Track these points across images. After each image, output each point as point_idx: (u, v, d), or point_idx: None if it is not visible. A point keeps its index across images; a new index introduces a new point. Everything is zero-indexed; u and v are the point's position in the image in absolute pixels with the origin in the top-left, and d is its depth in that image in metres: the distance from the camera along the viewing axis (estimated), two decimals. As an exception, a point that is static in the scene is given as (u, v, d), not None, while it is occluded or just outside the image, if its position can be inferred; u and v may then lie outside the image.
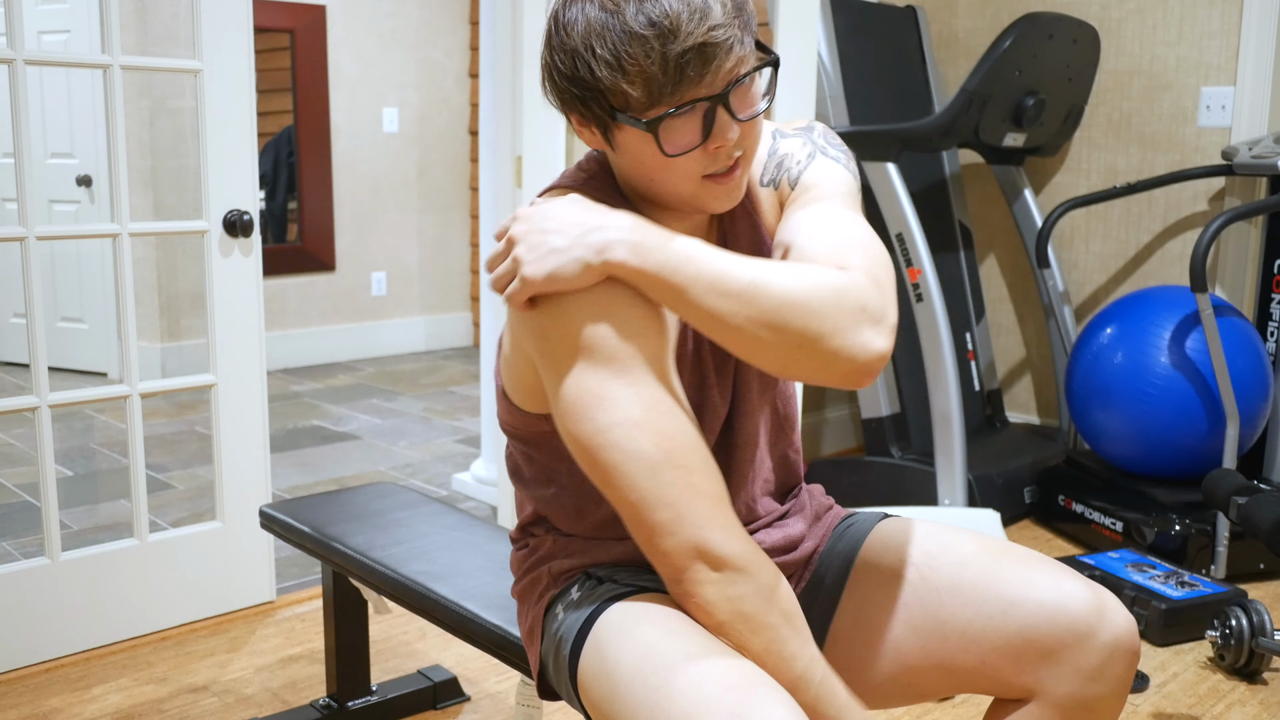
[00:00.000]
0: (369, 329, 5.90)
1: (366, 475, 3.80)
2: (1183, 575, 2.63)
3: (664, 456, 1.04)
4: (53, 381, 2.38)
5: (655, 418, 1.04)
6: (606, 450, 1.05)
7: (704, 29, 1.03)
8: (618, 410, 1.04)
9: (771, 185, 1.24)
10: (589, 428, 1.05)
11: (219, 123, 2.49)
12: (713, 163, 1.10)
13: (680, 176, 1.10)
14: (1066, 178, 3.80)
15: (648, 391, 1.05)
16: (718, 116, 1.07)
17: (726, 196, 1.13)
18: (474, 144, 6.10)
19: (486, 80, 3.33)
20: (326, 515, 2.02)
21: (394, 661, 2.41)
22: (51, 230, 2.35)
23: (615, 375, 1.05)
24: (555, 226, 1.05)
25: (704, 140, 1.08)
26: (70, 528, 3.18)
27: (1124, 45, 3.61)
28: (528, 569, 1.31)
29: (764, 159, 1.25)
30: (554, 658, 1.22)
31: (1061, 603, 1.14)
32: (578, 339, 1.05)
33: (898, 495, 3.28)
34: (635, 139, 1.09)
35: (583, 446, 1.06)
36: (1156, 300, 3.03)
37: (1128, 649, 1.15)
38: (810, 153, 1.23)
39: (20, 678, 2.32)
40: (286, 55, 5.45)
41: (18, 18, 2.21)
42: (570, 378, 1.06)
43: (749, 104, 1.10)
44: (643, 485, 1.04)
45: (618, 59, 1.04)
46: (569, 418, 1.07)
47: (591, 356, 1.05)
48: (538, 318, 1.07)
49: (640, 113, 1.07)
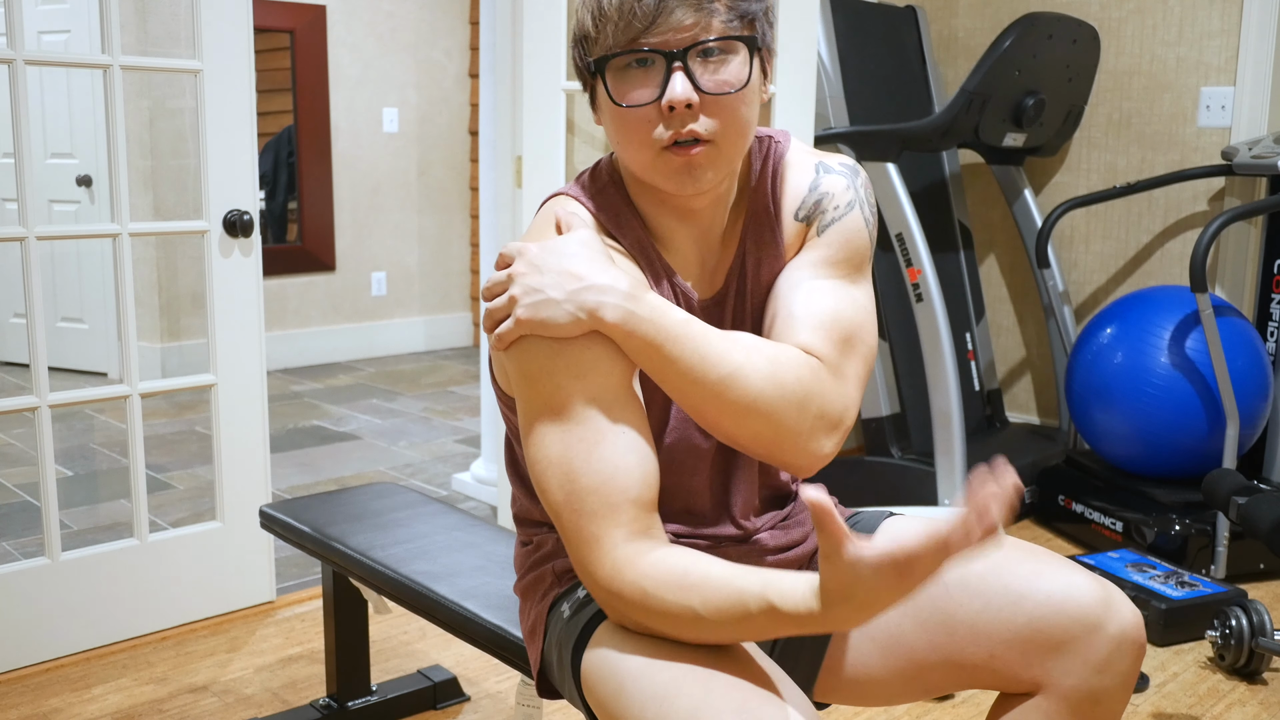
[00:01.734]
0: (369, 329, 5.90)
1: (366, 475, 3.80)
2: (1183, 575, 2.63)
3: (564, 499, 1.07)
4: (53, 381, 2.38)
5: (569, 459, 1.07)
6: (535, 484, 1.11)
7: None
8: (540, 448, 1.09)
9: (805, 221, 1.22)
10: (525, 456, 1.12)
11: (219, 123, 2.49)
12: (669, 129, 1.08)
13: (639, 139, 1.10)
14: (1066, 178, 3.80)
15: (574, 430, 1.07)
16: (672, 74, 1.06)
17: (687, 176, 1.10)
18: (474, 144, 6.10)
19: (486, 80, 3.33)
20: (326, 515, 2.02)
21: (394, 661, 2.41)
22: (51, 230, 2.35)
23: (549, 411, 1.08)
24: (554, 278, 1.07)
25: (657, 98, 1.07)
26: (70, 528, 3.18)
27: (1124, 45, 3.61)
28: (530, 566, 1.31)
29: (803, 191, 1.22)
30: (557, 656, 1.22)
31: (1070, 595, 1.14)
32: (528, 367, 1.09)
33: (898, 495, 3.28)
34: (603, 94, 1.11)
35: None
36: (1156, 300, 3.03)
37: (1134, 641, 1.15)
38: (850, 201, 1.21)
39: (20, 678, 2.32)
40: (286, 55, 5.45)
41: (18, 18, 2.21)
42: (520, 402, 1.12)
43: (718, 78, 1.08)
44: (554, 518, 1.10)
45: (594, 2, 1.09)
46: (520, 439, 1.13)
47: (535, 388, 1.09)
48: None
49: (597, 56, 1.10)
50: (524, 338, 1.09)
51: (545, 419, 1.08)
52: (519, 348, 1.09)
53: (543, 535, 1.31)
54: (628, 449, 1.08)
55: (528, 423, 1.10)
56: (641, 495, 1.08)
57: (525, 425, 1.11)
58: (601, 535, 1.06)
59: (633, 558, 1.05)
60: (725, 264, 1.22)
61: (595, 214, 1.18)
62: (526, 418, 1.10)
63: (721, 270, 1.22)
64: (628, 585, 1.04)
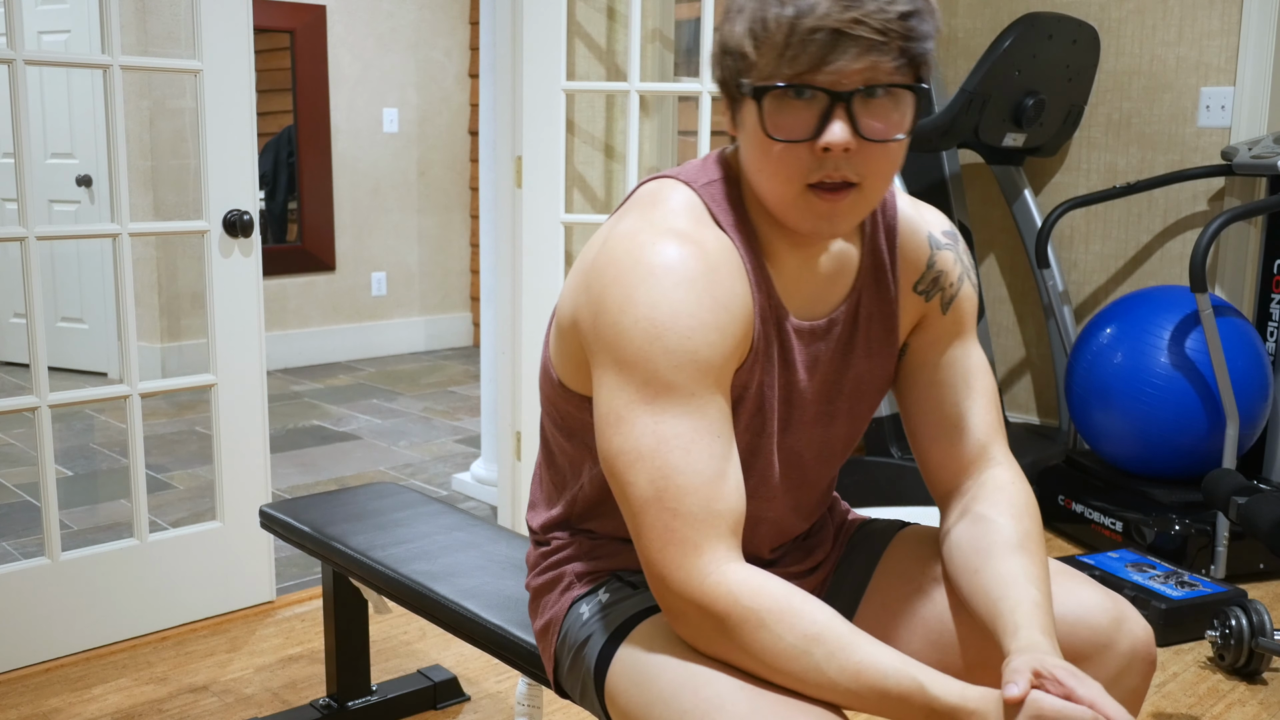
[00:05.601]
0: (369, 329, 5.90)
1: (366, 475, 3.80)
2: (1183, 575, 2.63)
3: (654, 494, 1.01)
4: (53, 381, 2.38)
5: (663, 454, 1.01)
6: (612, 474, 1.05)
7: (847, 16, 0.97)
8: (630, 438, 1.03)
9: (923, 297, 1.24)
10: (604, 446, 1.05)
11: (219, 123, 2.49)
12: (818, 168, 1.02)
13: (784, 175, 1.03)
14: (1066, 178, 3.80)
15: (668, 424, 1.01)
16: (834, 115, 1.00)
17: (827, 220, 1.05)
18: (474, 144, 6.10)
19: (486, 80, 3.33)
20: (326, 515, 2.02)
21: (394, 661, 2.41)
22: (51, 230, 2.35)
23: (644, 401, 1.02)
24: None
25: (814, 136, 1.01)
26: (70, 528, 3.18)
27: (1124, 45, 3.61)
28: (547, 567, 1.30)
29: (920, 266, 1.23)
30: (573, 657, 1.21)
31: (1081, 615, 1.14)
32: (624, 351, 1.03)
33: (898, 495, 3.28)
34: (752, 117, 1.04)
35: (600, 459, 1.07)
36: (1156, 300, 3.03)
37: (1145, 658, 1.15)
38: (960, 274, 1.25)
39: (20, 678, 2.32)
40: (286, 55, 5.45)
41: (18, 18, 2.21)
42: (606, 388, 1.05)
43: (879, 125, 1.01)
44: (632, 516, 1.04)
45: (757, 19, 1.01)
46: (596, 428, 1.07)
47: (630, 374, 1.03)
48: (602, 302, 1.05)
49: (756, 80, 1.02)
50: (619, 319, 1.03)
51: (637, 408, 1.02)
52: (614, 330, 1.03)
53: (562, 539, 1.29)
54: (725, 455, 1.03)
55: (613, 410, 1.04)
56: (738, 508, 1.03)
57: (610, 413, 1.04)
58: (703, 543, 1.00)
59: (749, 579, 1.00)
60: (831, 298, 1.19)
61: (708, 205, 1.12)
62: (613, 405, 1.04)
63: (826, 302, 1.18)
64: (738, 606, 0.99)
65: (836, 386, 1.22)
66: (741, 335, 1.07)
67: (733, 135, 1.11)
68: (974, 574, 1.14)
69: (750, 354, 1.11)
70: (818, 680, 0.98)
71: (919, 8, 1.00)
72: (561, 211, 2.94)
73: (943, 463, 1.25)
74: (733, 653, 1.01)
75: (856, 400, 1.24)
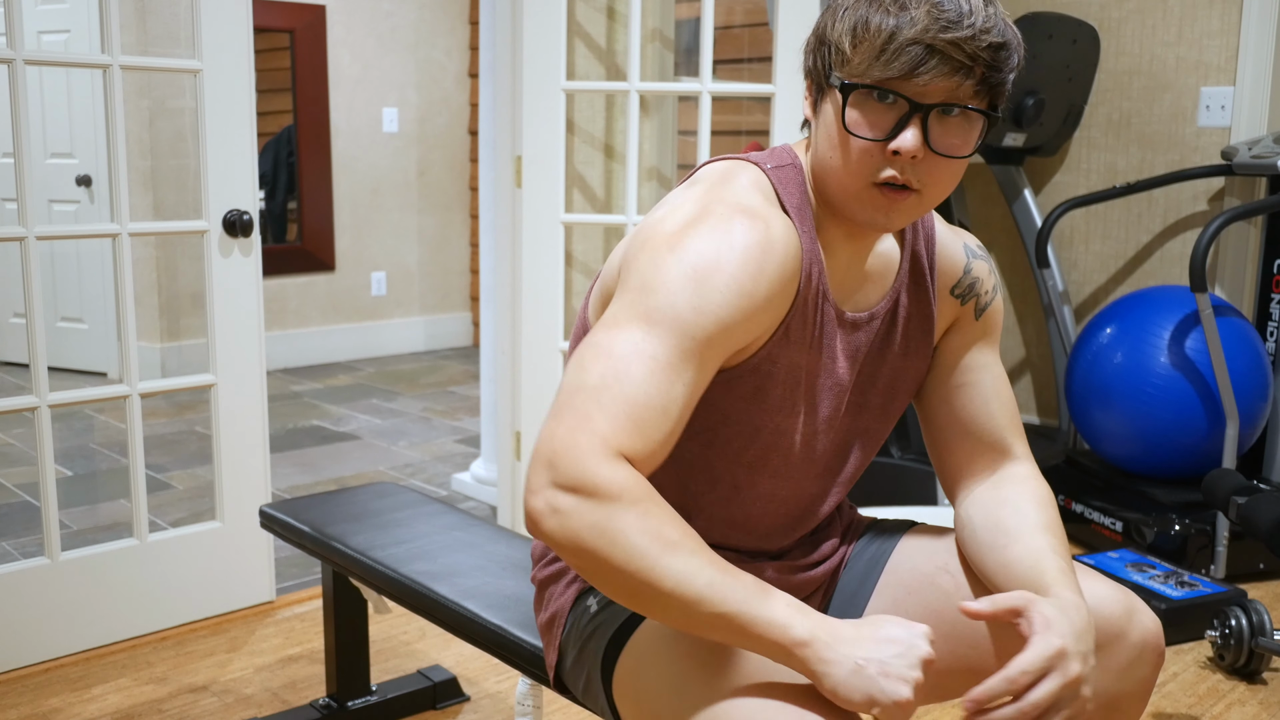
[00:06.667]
0: (369, 329, 5.90)
1: (366, 475, 3.80)
2: (1182, 575, 2.63)
3: (597, 385, 0.99)
4: (53, 381, 2.38)
5: (630, 360, 1.00)
6: (575, 358, 1.03)
7: (943, 38, 1.03)
8: (611, 338, 1.02)
9: (959, 300, 1.29)
10: (587, 339, 1.05)
11: (219, 123, 2.49)
12: (885, 169, 1.08)
13: (855, 167, 1.09)
14: (1066, 178, 3.80)
15: (652, 346, 1.01)
16: (910, 123, 1.06)
17: (884, 214, 1.11)
18: (474, 144, 6.10)
19: (486, 80, 3.33)
20: (326, 515, 2.02)
21: (394, 661, 2.41)
22: (51, 230, 2.35)
23: (645, 319, 1.03)
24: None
25: (887, 138, 1.07)
26: (70, 528, 3.18)
27: (1124, 45, 3.61)
28: (555, 557, 1.31)
29: (958, 271, 1.29)
30: (579, 650, 1.22)
31: (1093, 607, 1.15)
32: (655, 278, 1.04)
33: (898, 495, 3.28)
34: (832, 108, 1.10)
35: (577, 349, 1.06)
36: (1156, 300, 3.03)
37: (1154, 649, 1.18)
38: (993, 285, 1.32)
39: (20, 678, 2.32)
40: (286, 55, 5.45)
41: (18, 18, 2.21)
42: (618, 302, 1.06)
43: (949, 140, 1.08)
44: (564, 399, 1.00)
45: (861, 20, 1.06)
46: (593, 329, 1.07)
47: (648, 296, 1.04)
48: (653, 238, 1.08)
49: (846, 76, 1.08)
50: (665, 253, 1.05)
51: (636, 322, 1.02)
52: (653, 263, 1.05)
53: None
54: (681, 401, 1.02)
55: (613, 315, 1.04)
56: (661, 448, 1.01)
57: (609, 317, 1.05)
58: (610, 438, 0.97)
59: (630, 475, 0.97)
60: (873, 294, 1.23)
61: (776, 187, 1.16)
62: (615, 313, 1.05)
63: (868, 297, 1.23)
64: (616, 484, 0.95)
65: (872, 379, 1.26)
66: (771, 316, 1.10)
67: (808, 120, 1.16)
68: (1002, 550, 1.17)
69: (781, 328, 1.13)
70: (658, 582, 0.95)
71: (1008, 41, 1.07)
72: (561, 211, 2.94)
73: (964, 464, 1.29)
74: (583, 545, 0.95)
75: (890, 396, 1.28)
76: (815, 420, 1.21)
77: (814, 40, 1.13)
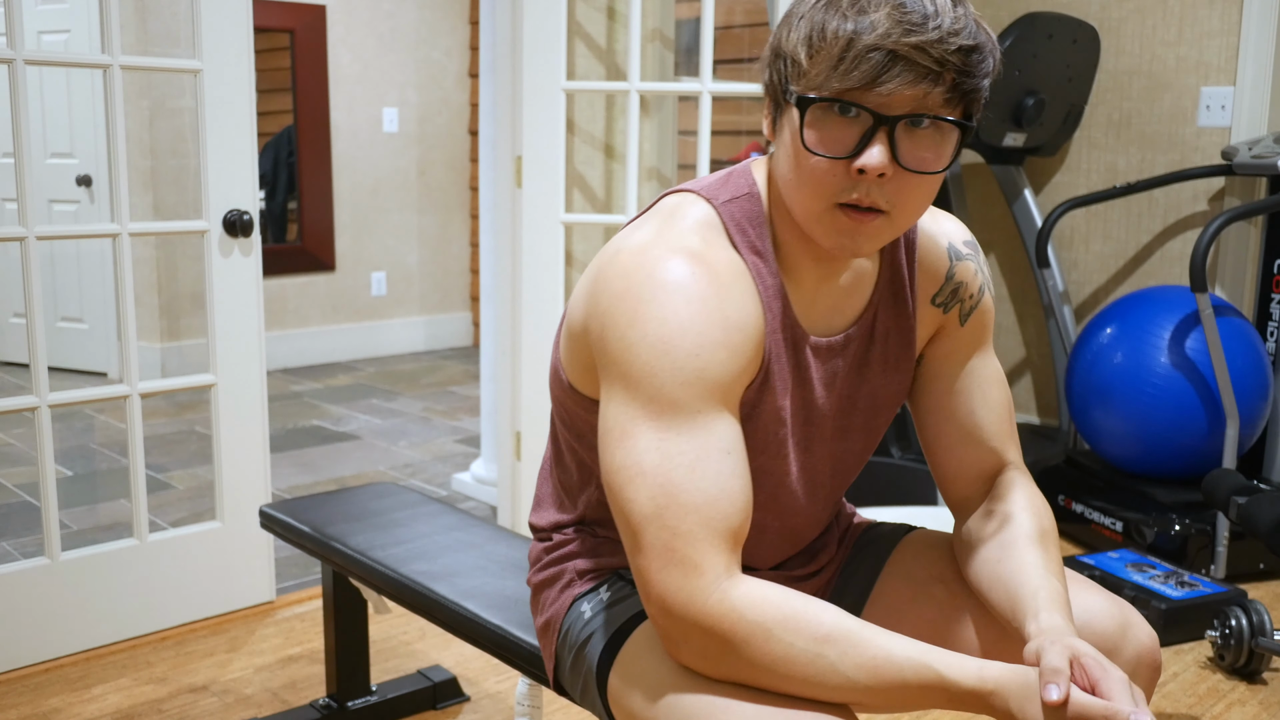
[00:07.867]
0: (369, 329, 5.90)
1: (366, 475, 3.80)
2: (1183, 575, 2.63)
3: (654, 511, 0.99)
4: (53, 381, 2.38)
5: (665, 471, 0.99)
6: (612, 490, 1.03)
7: (906, 41, 0.95)
8: (632, 453, 1.01)
9: (941, 309, 1.22)
10: (607, 461, 1.04)
11: (219, 123, 2.48)
12: (850, 189, 1.00)
13: (814, 189, 1.02)
14: (1066, 178, 3.80)
15: (673, 442, 0.99)
16: (875, 139, 0.98)
17: (850, 238, 1.03)
18: (474, 144, 6.10)
19: (486, 80, 3.33)
20: (326, 515, 2.02)
21: (394, 661, 2.41)
22: (51, 230, 2.35)
23: (649, 417, 1.00)
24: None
25: (850, 156, 0.99)
26: (70, 528, 3.18)
27: (1124, 45, 3.61)
28: (549, 563, 1.30)
29: (939, 278, 1.22)
30: (574, 656, 1.21)
31: (1088, 621, 1.15)
32: (631, 366, 1.01)
33: (898, 495, 3.28)
34: (790, 125, 1.03)
35: (601, 474, 1.05)
36: (1156, 300, 3.03)
37: (1150, 664, 1.16)
38: (980, 285, 1.24)
39: (20, 678, 2.32)
40: (286, 55, 5.45)
41: (18, 18, 2.21)
42: (612, 402, 1.04)
43: (919, 154, 1.00)
44: (631, 535, 1.02)
45: (816, 28, 0.99)
46: (600, 442, 1.05)
47: (636, 390, 1.01)
48: (610, 315, 1.04)
49: (803, 89, 1.00)
50: (627, 333, 1.02)
51: (642, 423, 1.00)
52: (621, 344, 1.02)
53: (565, 535, 1.29)
54: (733, 472, 1.01)
55: (618, 425, 1.02)
56: (742, 527, 1.01)
57: (615, 427, 1.03)
58: (703, 562, 0.98)
59: (749, 592, 0.98)
60: (848, 313, 1.18)
61: (725, 224, 1.10)
62: (618, 419, 1.02)
63: (843, 316, 1.18)
64: (743, 622, 0.97)
65: (852, 401, 1.21)
66: (751, 355, 1.06)
67: (769, 140, 1.09)
68: (995, 563, 1.14)
69: (760, 373, 1.10)
70: (835, 682, 0.97)
71: (980, 43, 0.99)
72: (561, 211, 2.94)
73: (959, 470, 1.25)
74: (743, 670, 0.99)
75: (872, 415, 1.24)
76: (804, 454, 1.19)
77: (769, 53, 1.05)
